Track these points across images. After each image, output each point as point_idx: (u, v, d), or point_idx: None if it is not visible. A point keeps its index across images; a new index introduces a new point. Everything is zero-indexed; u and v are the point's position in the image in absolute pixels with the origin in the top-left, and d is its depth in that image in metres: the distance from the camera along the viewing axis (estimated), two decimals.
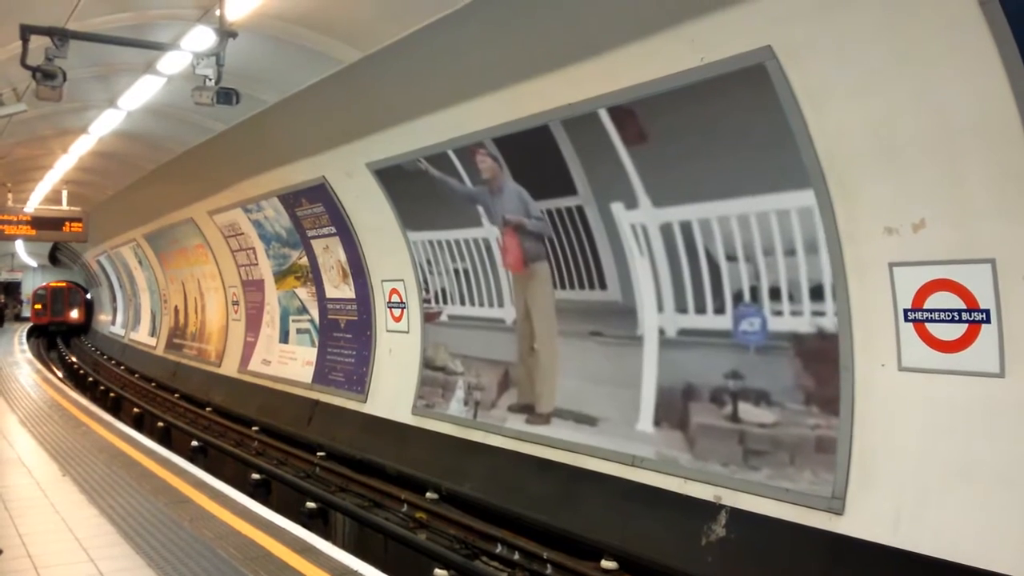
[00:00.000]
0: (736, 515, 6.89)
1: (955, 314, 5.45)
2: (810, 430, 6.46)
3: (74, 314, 46.14)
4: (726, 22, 6.12)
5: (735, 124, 6.55)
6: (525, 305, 9.33)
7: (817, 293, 6.35)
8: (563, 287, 8.78)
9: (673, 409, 7.62)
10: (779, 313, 6.69)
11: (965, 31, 4.86)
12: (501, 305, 9.82)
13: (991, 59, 4.81)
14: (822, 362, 6.36)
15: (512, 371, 9.71)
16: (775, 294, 6.71)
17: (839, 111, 5.79)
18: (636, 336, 7.98)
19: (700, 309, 7.36)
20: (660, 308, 7.71)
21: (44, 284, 47.80)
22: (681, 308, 7.56)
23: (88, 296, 46.86)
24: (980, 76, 4.91)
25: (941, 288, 5.52)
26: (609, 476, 8.18)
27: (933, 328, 5.59)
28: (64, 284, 47.16)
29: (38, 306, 45.92)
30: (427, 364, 11.24)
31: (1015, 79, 4.75)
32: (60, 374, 26.55)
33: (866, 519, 5.95)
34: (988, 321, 5.28)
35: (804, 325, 6.49)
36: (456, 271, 10.46)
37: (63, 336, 44.53)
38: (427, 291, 11.14)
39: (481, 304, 10.12)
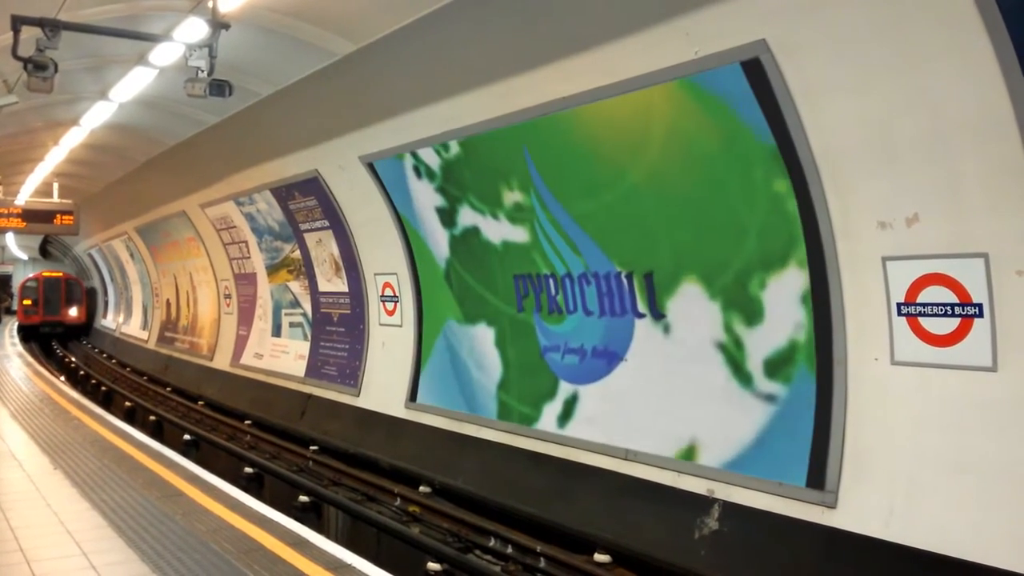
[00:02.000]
0: (729, 509, 6.90)
1: (948, 308, 5.46)
2: None
3: (73, 311, 37.97)
4: (721, 15, 6.11)
5: None
6: None
7: None
8: None
9: None
10: None
11: (960, 28, 4.87)
12: None
13: (986, 56, 4.81)
14: None
15: None
16: None
17: (834, 106, 5.79)
18: None
19: None
20: None
21: (35, 274, 39.33)
22: None
23: (88, 288, 39.70)
24: (975, 73, 4.92)
25: (934, 282, 5.53)
26: (602, 470, 8.19)
27: (926, 322, 5.61)
28: (60, 274, 39.27)
29: (27, 301, 37.56)
30: None
31: (1010, 75, 4.76)
32: (50, 367, 26.39)
33: (859, 512, 5.97)
34: (981, 315, 5.30)
35: None
36: None
37: (59, 339, 37.61)
38: None
39: None
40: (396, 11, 8.30)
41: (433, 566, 8.14)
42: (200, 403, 18.43)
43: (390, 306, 12.11)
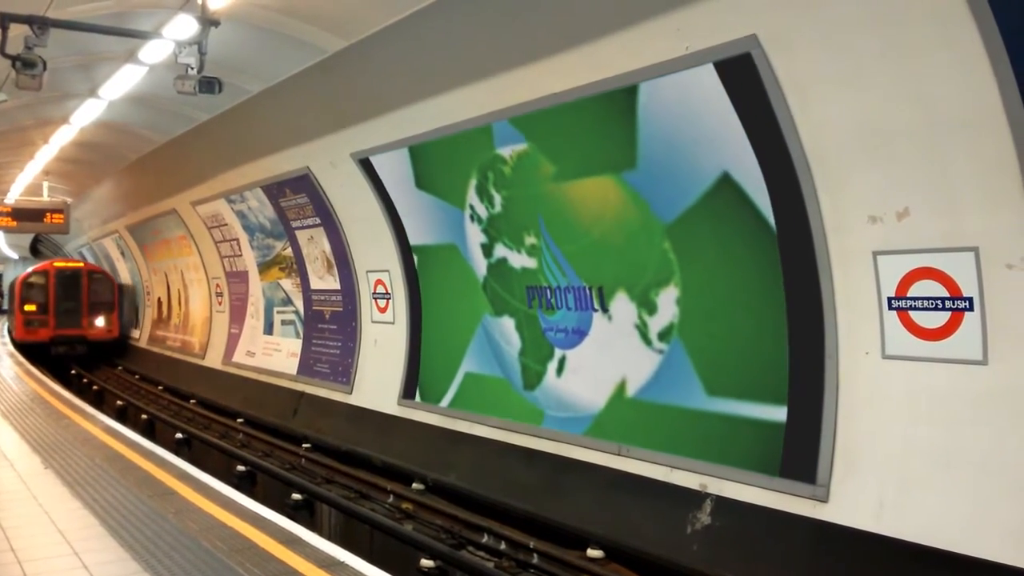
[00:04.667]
0: (721, 503, 6.92)
1: (938, 302, 5.48)
2: None
3: (99, 321, 25.80)
4: (712, 10, 6.11)
5: None
6: None
7: None
8: None
9: None
10: None
11: (950, 22, 4.87)
12: None
13: (976, 49, 4.82)
14: None
15: None
16: None
17: (824, 101, 5.80)
18: None
19: None
20: None
21: (42, 265, 27.12)
22: None
23: (120, 286, 27.35)
24: (965, 66, 4.92)
25: (925, 276, 5.54)
26: (595, 465, 8.20)
27: (917, 316, 5.63)
28: (80, 265, 27.13)
29: (30, 307, 25.04)
30: None
31: (999, 69, 4.76)
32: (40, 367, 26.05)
33: (850, 506, 5.99)
34: (971, 309, 5.31)
35: None
36: None
37: (81, 362, 25.77)
38: None
39: None
40: (386, 7, 8.29)
41: (426, 563, 8.15)
42: (192, 402, 18.39)
43: (382, 303, 12.09)
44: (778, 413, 6.48)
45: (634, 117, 6.92)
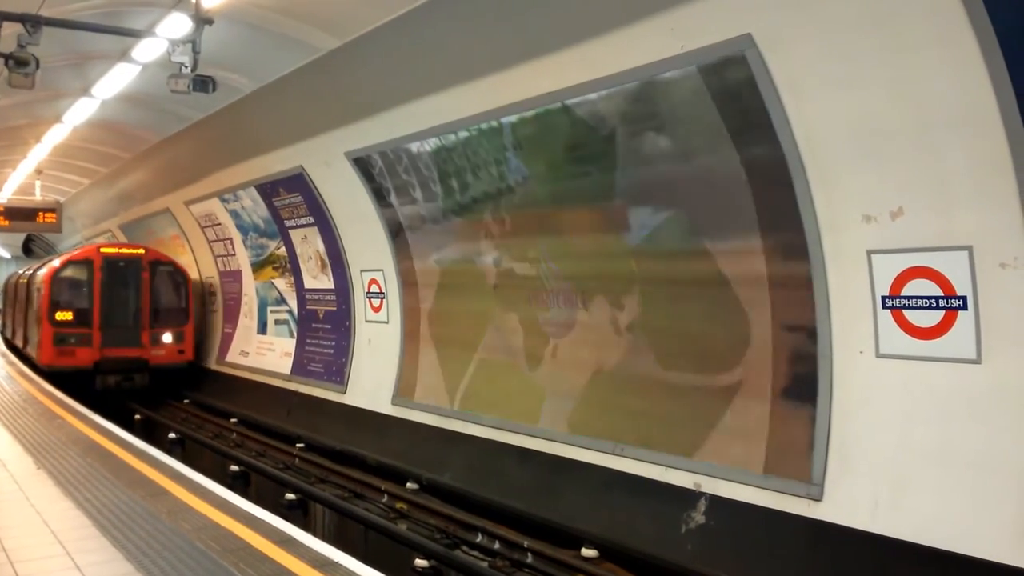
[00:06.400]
0: (715, 502, 6.92)
1: (932, 301, 5.49)
2: None
3: (167, 337, 17.88)
4: (707, 10, 6.12)
5: None
6: None
7: None
8: None
9: None
10: None
11: (945, 21, 4.88)
12: None
13: (970, 49, 4.83)
14: None
15: None
16: None
17: (819, 100, 5.81)
18: None
19: None
20: None
21: (83, 251, 19.14)
22: None
23: (197, 284, 19.48)
24: (960, 65, 4.93)
25: (919, 275, 5.55)
26: (589, 465, 8.20)
27: (911, 315, 5.63)
28: (139, 252, 18.22)
29: (64, 315, 17.22)
30: None
31: (994, 68, 4.77)
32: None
33: (844, 505, 6.00)
34: (965, 308, 5.32)
35: None
36: None
37: (138, 397, 17.78)
38: None
39: None
40: (380, 6, 8.28)
41: (420, 562, 8.12)
42: (185, 401, 18.32)
43: (376, 303, 12.08)
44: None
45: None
